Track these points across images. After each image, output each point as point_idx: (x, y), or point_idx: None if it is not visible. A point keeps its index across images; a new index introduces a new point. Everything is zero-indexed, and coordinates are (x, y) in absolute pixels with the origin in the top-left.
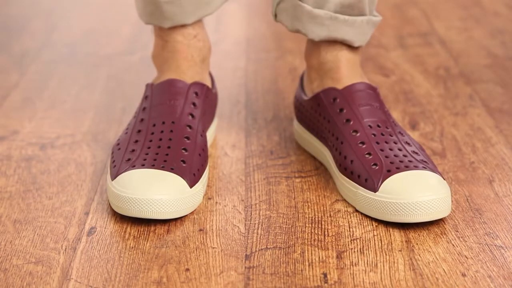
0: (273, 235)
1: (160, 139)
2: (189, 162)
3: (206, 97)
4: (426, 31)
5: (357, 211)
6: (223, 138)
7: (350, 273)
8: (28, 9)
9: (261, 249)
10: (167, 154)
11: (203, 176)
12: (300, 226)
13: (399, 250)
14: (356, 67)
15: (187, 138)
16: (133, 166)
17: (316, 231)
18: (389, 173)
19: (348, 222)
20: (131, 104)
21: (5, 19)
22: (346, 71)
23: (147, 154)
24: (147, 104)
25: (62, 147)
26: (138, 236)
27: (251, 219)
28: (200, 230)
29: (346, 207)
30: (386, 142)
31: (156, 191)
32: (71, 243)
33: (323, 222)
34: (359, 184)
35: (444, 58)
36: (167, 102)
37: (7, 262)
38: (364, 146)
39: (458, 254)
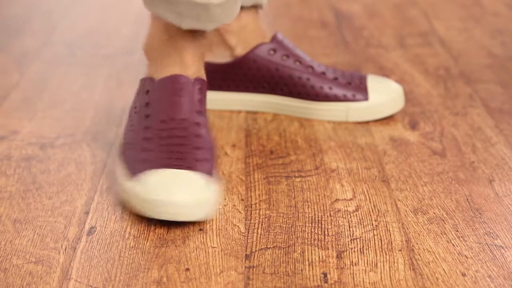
0: (273, 235)
1: (172, 137)
2: (205, 161)
3: (205, 91)
4: (426, 31)
5: (357, 210)
6: (223, 138)
7: (350, 273)
8: (28, 9)
9: (261, 249)
10: (182, 153)
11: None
12: (300, 225)
13: (399, 250)
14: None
15: (198, 136)
16: (151, 167)
17: (316, 231)
18: (363, 84)
19: (348, 222)
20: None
21: (5, 19)
22: (263, 27)
23: (162, 152)
24: (149, 99)
25: (62, 147)
26: (138, 235)
27: (251, 218)
28: (200, 229)
29: (346, 206)
30: (329, 67)
31: (179, 191)
32: (71, 243)
33: (323, 222)
34: (349, 101)
35: (444, 58)
36: (172, 97)
37: (7, 262)
38: (326, 74)
39: (458, 254)
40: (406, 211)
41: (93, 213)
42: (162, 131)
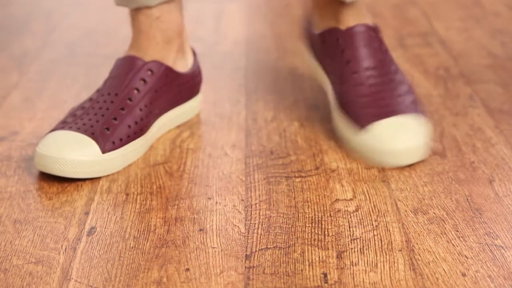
0: (273, 235)
1: (100, 108)
2: (112, 130)
3: (165, 76)
4: (426, 31)
5: (357, 210)
6: (223, 138)
7: (350, 273)
8: (28, 9)
9: (261, 249)
10: (97, 121)
11: (126, 146)
12: (300, 226)
13: (399, 250)
14: (359, 8)
15: (122, 108)
16: (62, 128)
17: (316, 231)
18: (378, 117)
19: (348, 222)
20: None
21: (5, 19)
22: (349, 11)
23: (82, 119)
24: (107, 76)
25: None
26: (138, 236)
27: (251, 219)
28: (200, 230)
29: (346, 207)
30: (381, 84)
31: (67, 151)
32: (71, 243)
33: (323, 222)
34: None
35: (444, 58)
36: (121, 76)
37: (7, 262)
38: (360, 87)
39: (458, 254)
40: (406, 211)
41: (93, 213)
42: (97, 103)
